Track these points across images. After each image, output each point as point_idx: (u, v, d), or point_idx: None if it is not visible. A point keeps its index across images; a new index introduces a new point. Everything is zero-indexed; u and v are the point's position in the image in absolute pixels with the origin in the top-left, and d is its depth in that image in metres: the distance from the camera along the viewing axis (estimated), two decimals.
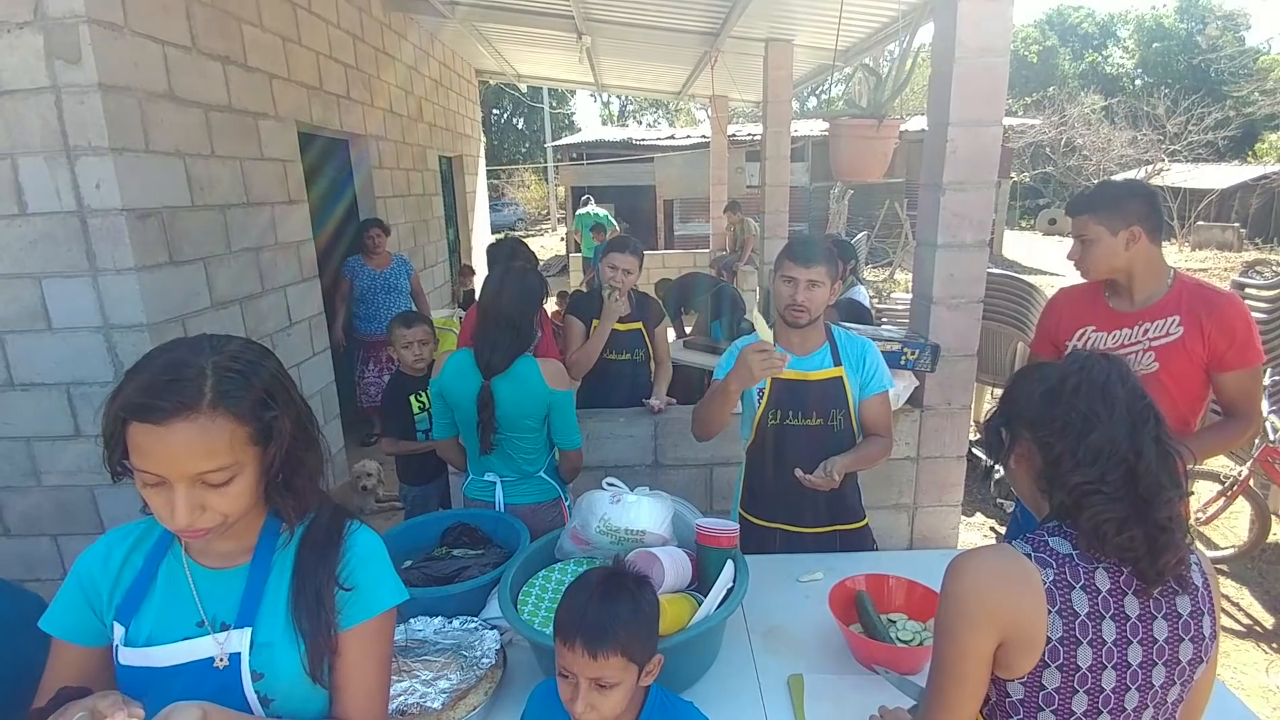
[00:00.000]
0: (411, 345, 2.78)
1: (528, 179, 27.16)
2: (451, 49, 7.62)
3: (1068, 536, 0.95)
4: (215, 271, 3.09)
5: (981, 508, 4.05)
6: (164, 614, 0.92)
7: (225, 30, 3.23)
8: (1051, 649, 0.90)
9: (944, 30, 2.45)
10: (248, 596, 0.93)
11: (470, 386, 2.01)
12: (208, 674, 0.90)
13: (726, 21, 5.18)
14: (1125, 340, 1.89)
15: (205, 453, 0.82)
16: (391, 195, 5.55)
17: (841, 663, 1.54)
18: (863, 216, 12.91)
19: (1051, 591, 0.90)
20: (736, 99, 9.50)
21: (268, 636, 0.92)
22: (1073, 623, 0.90)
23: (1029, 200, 21.77)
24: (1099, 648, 0.90)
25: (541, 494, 2.17)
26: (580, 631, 1.03)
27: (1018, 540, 0.97)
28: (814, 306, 1.86)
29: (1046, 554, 0.94)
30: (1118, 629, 0.90)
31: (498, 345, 1.98)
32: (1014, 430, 1.04)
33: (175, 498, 0.82)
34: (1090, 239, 1.85)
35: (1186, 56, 27.19)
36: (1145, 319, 1.87)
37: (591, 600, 1.07)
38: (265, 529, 0.97)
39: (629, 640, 1.04)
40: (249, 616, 0.92)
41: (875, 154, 2.84)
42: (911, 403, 2.77)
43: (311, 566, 0.95)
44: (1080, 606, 0.90)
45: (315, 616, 0.92)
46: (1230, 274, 10.52)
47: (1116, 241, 1.82)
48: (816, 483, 1.79)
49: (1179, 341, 1.82)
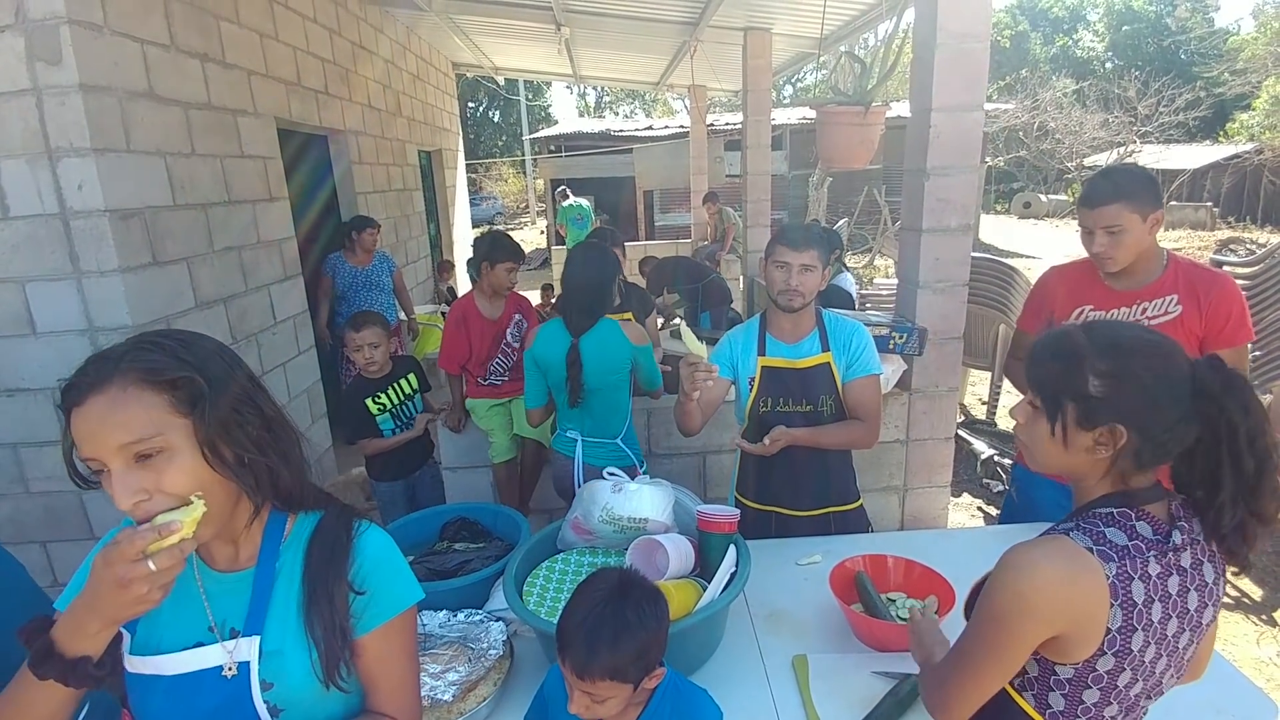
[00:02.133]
0: (362, 349, 2.70)
1: (505, 172, 26.95)
2: (428, 42, 7.53)
3: (1121, 527, 0.93)
4: (198, 271, 3.05)
5: (969, 488, 4.13)
6: (174, 619, 0.90)
7: (203, 27, 3.17)
8: (1109, 638, 0.90)
9: (926, 16, 2.48)
10: (255, 602, 0.90)
11: (560, 348, 2.27)
12: (217, 683, 0.87)
13: (705, 11, 5.17)
14: (1124, 319, 1.92)
15: (121, 424, 0.78)
16: (372, 191, 5.49)
17: (844, 642, 1.58)
18: (842, 204, 12.99)
19: (1115, 585, 0.89)
20: (715, 88, 9.49)
21: (277, 644, 0.90)
22: (1131, 612, 0.90)
23: (1003, 184, 22.05)
24: (1149, 629, 0.91)
25: (618, 459, 2.34)
26: (569, 651, 1.04)
27: (1076, 532, 0.94)
28: (808, 290, 1.89)
29: (1107, 547, 0.91)
30: (1163, 609, 0.91)
31: (582, 309, 2.27)
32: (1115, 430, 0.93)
33: (113, 480, 0.80)
34: (1122, 228, 1.80)
35: (1156, 39, 27.63)
36: (1143, 298, 1.90)
37: (589, 619, 1.05)
38: (268, 531, 0.94)
39: (617, 666, 1.03)
40: (257, 623, 0.89)
41: (862, 141, 2.87)
42: (900, 386, 2.81)
43: (322, 570, 0.92)
44: (1139, 596, 0.90)
45: (329, 623, 0.90)
46: (1205, 253, 10.76)
47: (1145, 227, 1.81)
48: (754, 449, 1.88)
49: (1178, 320, 1.87)
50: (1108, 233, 1.82)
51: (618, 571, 1.16)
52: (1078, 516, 0.96)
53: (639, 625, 1.06)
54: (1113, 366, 0.93)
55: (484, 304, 2.89)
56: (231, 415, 0.85)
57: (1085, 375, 0.94)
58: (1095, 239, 1.85)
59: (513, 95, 23.50)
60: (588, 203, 9.10)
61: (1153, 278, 1.91)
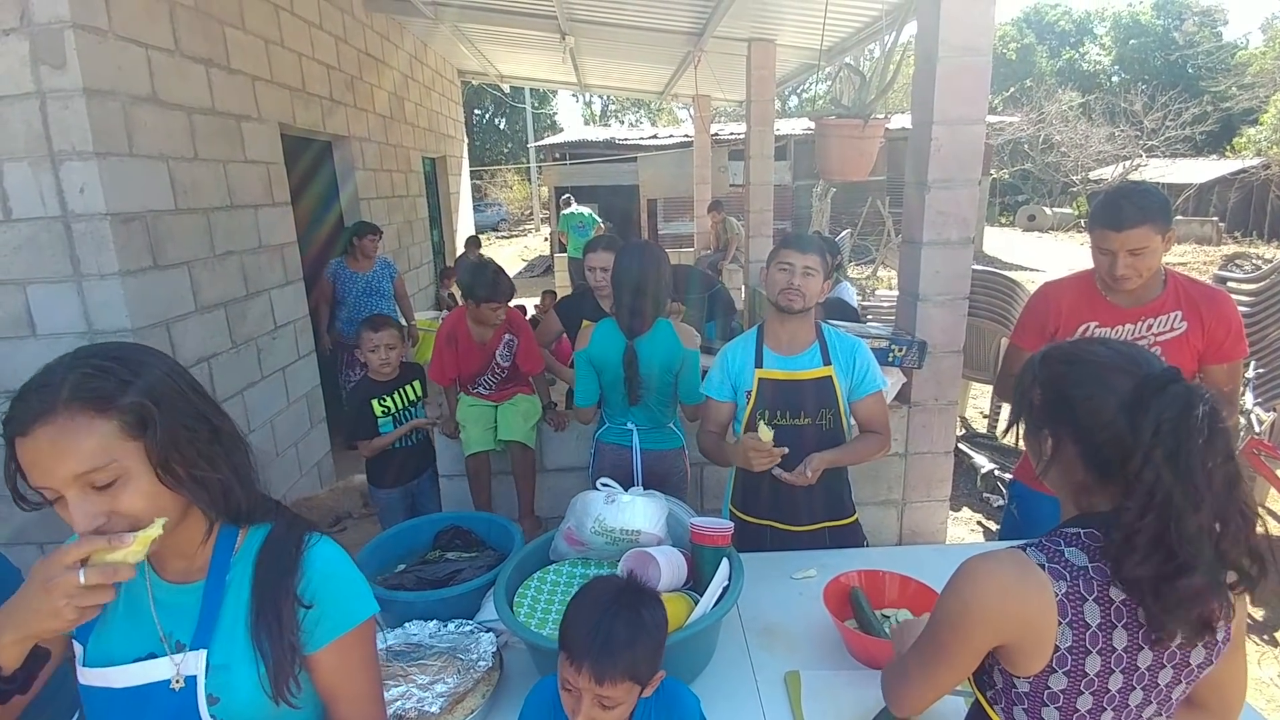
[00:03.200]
0: (378, 349, 2.74)
1: (510, 179, 27.06)
2: (434, 50, 7.58)
3: (1084, 548, 0.91)
4: (199, 275, 3.06)
5: (969, 502, 4.10)
6: (125, 631, 0.88)
7: (208, 32, 3.19)
8: (1059, 656, 0.90)
9: (927, 29, 2.48)
10: (204, 615, 0.88)
11: (616, 349, 2.30)
12: (165, 697, 0.86)
13: (709, 21, 5.20)
14: (1129, 336, 1.91)
15: (72, 454, 0.76)
16: (375, 197, 5.51)
17: (837, 659, 1.56)
18: (845, 214, 12.99)
19: (1063, 603, 0.88)
20: (719, 98, 9.53)
21: (224, 658, 0.88)
22: (1083, 634, 0.89)
23: (1008, 196, 22.03)
24: (1108, 655, 0.90)
25: (670, 441, 2.45)
26: (589, 656, 1.04)
27: (1033, 548, 0.94)
28: (809, 293, 1.89)
29: (1061, 565, 0.90)
30: (1129, 637, 0.89)
31: (637, 311, 2.27)
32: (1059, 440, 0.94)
33: (71, 509, 0.78)
34: (1149, 249, 1.78)
35: (1163, 53, 27.63)
36: (1148, 314, 1.89)
37: (602, 622, 1.07)
38: (219, 543, 0.92)
39: (636, 666, 1.06)
40: (205, 637, 0.88)
41: (861, 153, 2.87)
42: (900, 399, 2.80)
43: (270, 584, 0.90)
44: (1092, 618, 0.89)
45: (277, 638, 0.88)
46: (1210, 268, 10.72)
47: (1162, 246, 1.81)
48: (793, 480, 1.85)
49: (1183, 336, 1.87)
50: (1133, 255, 1.79)
51: (618, 579, 1.19)
52: (1046, 534, 0.97)
53: (652, 625, 1.10)
54: (1046, 374, 0.97)
55: (474, 327, 2.87)
56: (182, 432, 0.84)
57: (1033, 388, 0.99)
58: (1118, 261, 1.81)
59: (518, 103, 23.63)
60: (590, 211, 9.13)
61: (1155, 294, 1.90)
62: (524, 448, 2.84)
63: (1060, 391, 0.94)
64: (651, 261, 2.31)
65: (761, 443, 1.78)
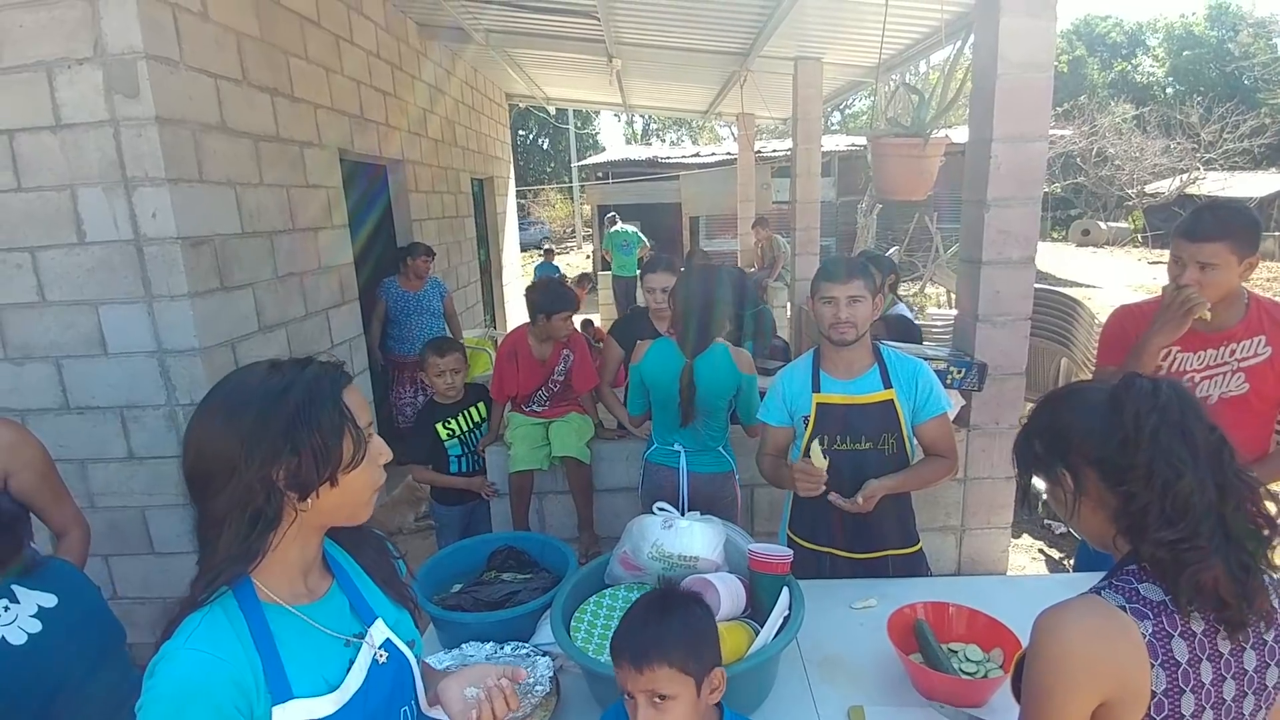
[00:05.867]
0: (444, 374, 2.80)
1: (553, 198, 27.50)
2: (483, 74, 7.78)
3: (1157, 581, 0.89)
4: (263, 296, 3.17)
5: (1028, 529, 3.93)
6: (315, 664, 0.90)
7: (273, 62, 3.34)
8: (1157, 703, 0.86)
9: (986, 46, 2.43)
10: (356, 602, 1.01)
11: (672, 368, 2.33)
12: (384, 672, 0.97)
13: (756, 42, 5.21)
14: (1212, 361, 1.85)
15: (365, 406, 0.96)
16: (426, 218, 5.65)
17: (903, 694, 1.50)
18: (891, 231, 12.79)
19: (1153, 644, 0.85)
20: (764, 116, 9.52)
21: (395, 617, 1.04)
22: (1175, 672, 0.86)
23: (1060, 211, 21.37)
24: (1199, 691, 0.86)
25: (719, 465, 2.45)
26: (626, 647, 1.08)
27: (1108, 590, 0.91)
28: (860, 322, 1.84)
29: (1141, 604, 0.88)
30: (1214, 669, 0.87)
31: (696, 331, 2.31)
32: (1076, 470, 0.96)
33: (378, 441, 0.96)
34: (1218, 265, 1.74)
35: (1218, 64, 26.62)
36: (1231, 339, 1.83)
37: (636, 618, 1.12)
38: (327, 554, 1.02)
39: (674, 651, 1.06)
40: (369, 614, 1.00)
41: (921, 173, 2.82)
42: (958, 422, 2.71)
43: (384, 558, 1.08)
44: (1181, 655, 0.86)
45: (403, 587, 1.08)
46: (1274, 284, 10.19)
47: (1240, 268, 1.75)
48: (847, 506, 1.80)
49: (1268, 361, 1.80)
50: (1201, 268, 1.75)
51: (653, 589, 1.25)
52: (1111, 575, 0.94)
53: (685, 612, 1.13)
54: (1037, 425, 1.03)
55: (535, 344, 2.93)
56: None
57: (1031, 444, 1.03)
58: (1187, 272, 1.77)
59: (562, 124, 24.07)
60: (634, 228, 9.18)
61: (1238, 318, 1.83)
62: (579, 463, 2.87)
63: (1055, 430, 1.00)
64: (714, 282, 2.36)
65: (812, 466, 1.75)
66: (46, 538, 1.90)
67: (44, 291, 2.63)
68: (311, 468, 0.85)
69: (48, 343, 2.67)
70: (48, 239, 2.58)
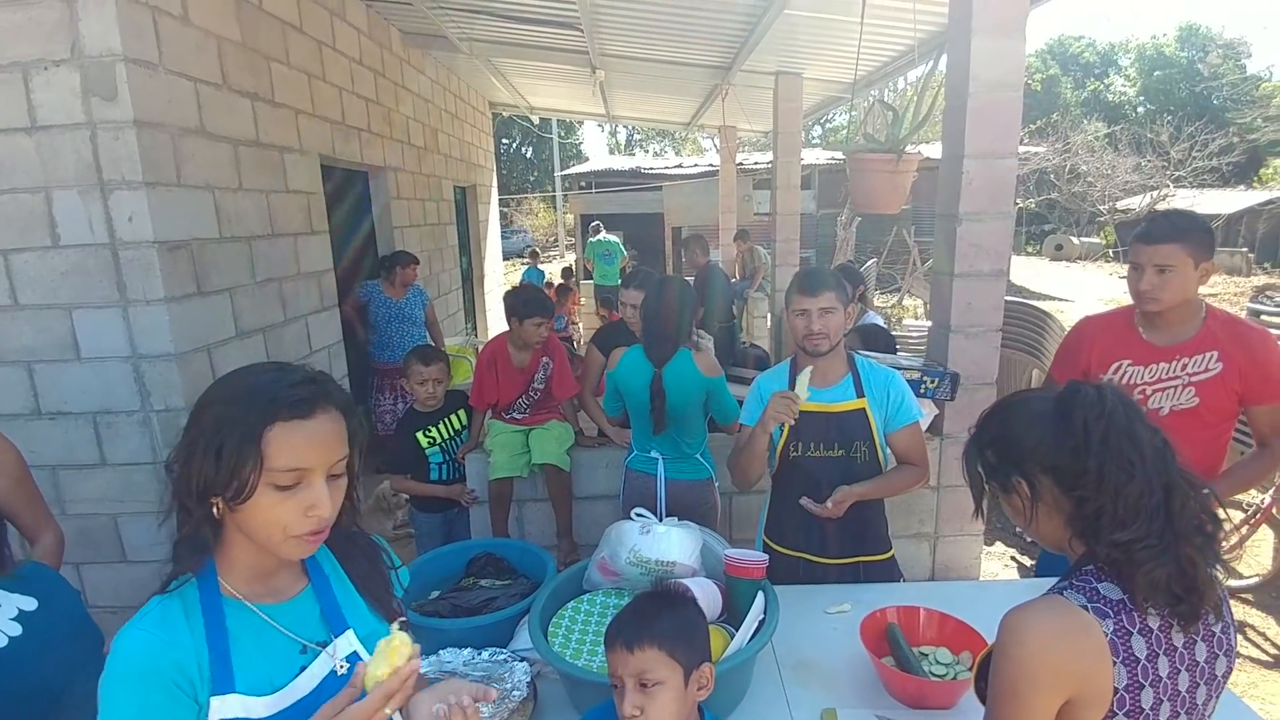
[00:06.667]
0: (427, 382, 2.80)
1: (536, 207, 27.52)
2: (467, 82, 7.80)
3: (1114, 580, 0.92)
4: (240, 301, 3.14)
5: (1001, 536, 4.00)
6: (262, 663, 0.91)
7: (254, 67, 3.33)
8: (1119, 698, 0.88)
9: (958, 65, 2.50)
10: (328, 608, 1.00)
11: (642, 377, 2.36)
12: (339, 684, 0.93)
13: (737, 56, 5.29)
14: (1163, 375, 1.88)
15: (338, 440, 0.91)
16: (408, 225, 5.64)
17: (875, 698, 1.52)
18: (870, 243, 12.98)
19: (1114, 642, 0.88)
20: (745, 129, 9.65)
21: (366, 628, 1.01)
22: (1135, 668, 0.88)
23: (1034, 226, 21.85)
24: (1157, 685, 0.89)
25: (697, 472, 2.48)
26: (621, 630, 1.12)
27: (1069, 590, 0.94)
28: (832, 332, 1.88)
29: (1102, 603, 0.90)
30: (1170, 663, 0.90)
31: (663, 340, 2.36)
32: (1032, 478, 0.98)
33: (318, 491, 0.89)
34: (1174, 268, 1.78)
35: (1188, 84, 27.46)
36: (1183, 354, 1.86)
37: (631, 607, 1.18)
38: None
39: (665, 634, 1.09)
40: (341, 623, 0.99)
41: (895, 187, 2.88)
42: (931, 431, 2.76)
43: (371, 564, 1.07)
44: (1140, 651, 0.89)
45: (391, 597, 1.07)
46: (1240, 299, 10.49)
47: (1195, 274, 1.79)
48: (819, 511, 1.85)
49: (1219, 376, 1.83)
50: (1158, 270, 1.80)
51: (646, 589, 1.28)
52: (1071, 575, 0.97)
53: (681, 604, 1.18)
54: (988, 435, 1.05)
55: (515, 352, 2.94)
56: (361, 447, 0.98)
57: (983, 454, 1.06)
58: (1144, 275, 1.82)
59: (545, 133, 24.13)
60: (616, 238, 9.23)
61: (1192, 332, 1.87)
62: (559, 470, 2.88)
63: (1007, 440, 1.02)
64: (680, 292, 2.40)
65: (792, 394, 1.78)
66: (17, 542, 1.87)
67: (16, 294, 2.59)
68: (200, 482, 0.86)
69: (19, 346, 2.62)
70: (21, 241, 2.55)
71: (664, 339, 2.38)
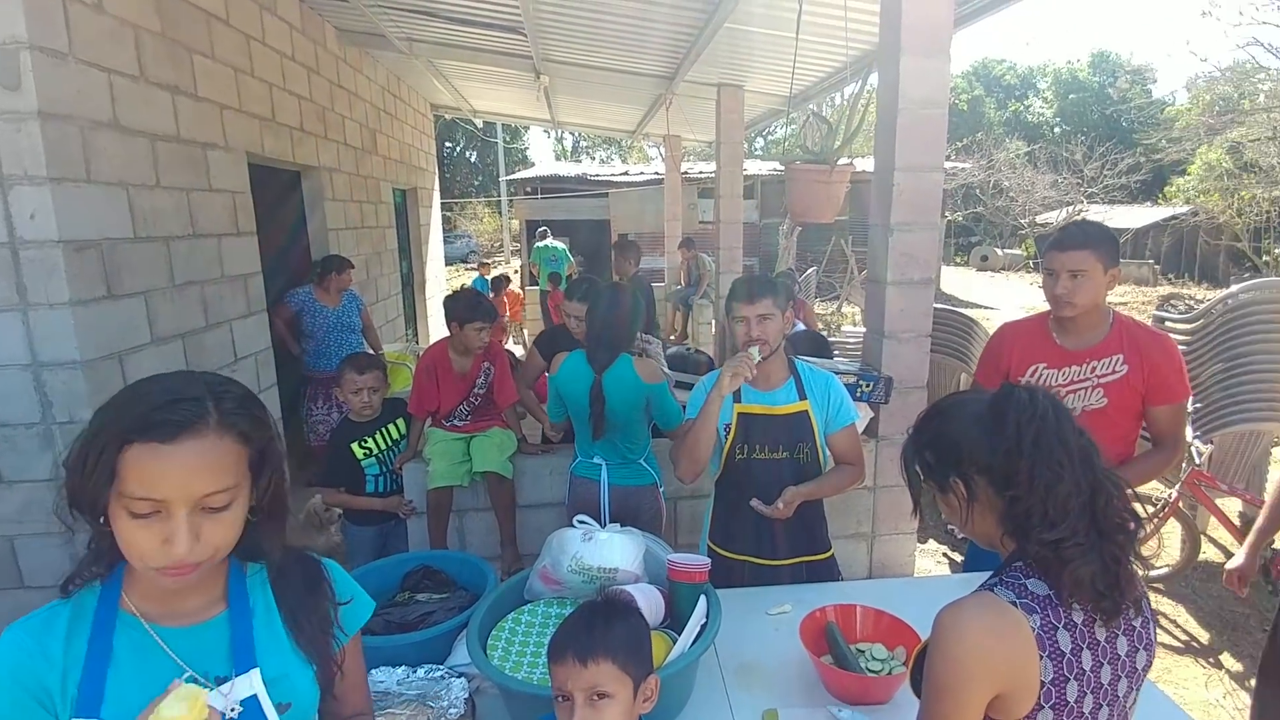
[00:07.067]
0: (361, 391, 2.68)
1: (480, 212, 27.11)
2: (408, 83, 7.62)
3: (1042, 576, 0.95)
4: (157, 305, 2.96)
5: (933, 534, 4.15)
6: (141, 691, 0.83)
7: (175, 59, 3.15)
8: (1045, 691, 0.91)
9: (888, 83, 2.60)
10: (239, 641, 0.90)
11: (583, 383, 2.35)
12: None
13: (681, 67, 5.36)
14: (1075, 377, 1.99)
15: (213, 471, 0.80)
16: (345, 228, 5.45)
17: (815, 696, 1.54)
18: (811, 252, 13.33)
19: (1041, 637, 0.91)
20: (690, 138, 9.78)
21: (280, 670, 0.91)
22: (1061, 662, 0.91)
23: (962, 238, 22.94)
24: (1081, 678, 0.92)
25: (641, 478, 2.46)
26: (571, 642, 1.08)
27: (1000, 587, 0.96)
28: (771, 337, 1.92)
29: (1030, 599, 0.93)
30: (1093, 656, 0.94)
31: (606, 345, 2.34)
32: (968, 478, 1.01)
33: (175, 525, 0.78)
34: (1086, 273, 1.89)
35: (1100, 107, 29.40)
36: (1092, 357, 1.98)
37: (579, 619, 1.14)
38: (232, 573, 0.94)
39: (618, 647, 1.08)
40: (249, 659, 0.89)
41: (828, 197, 2.97)
42: (868, 433, 2.84)
43: (307, 595, 0.97)
44: (1065, 645, 0.92)
45: (324, 637, 0.96)
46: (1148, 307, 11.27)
47: (1105, 279, 1.91)
48: (768, 512, 1.88)
49: (1125, 378, 1.95)
50: (1072, 276, 1.90)
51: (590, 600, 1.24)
52: (1001, 571, 1.00)
53: (629, 616, 1.16)
54: (927, 436, 1.08)
55: (456, 358, 2.87)
56: (278, 475, 0.90)
57: (921, 454, 1.09)
58: (1059, 281, 1.93)
59: (490, 137, 23.80)
60: (563, 245, 9.18)
61: (1100, 337, 1.99)
62: (501, 478, 2.82)
63: (944, 441, 1.05)
64: (626, 300, 2.41)
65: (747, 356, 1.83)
66: None
67: None
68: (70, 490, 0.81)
69: None
70: None
71: (606, 345, 2.37)
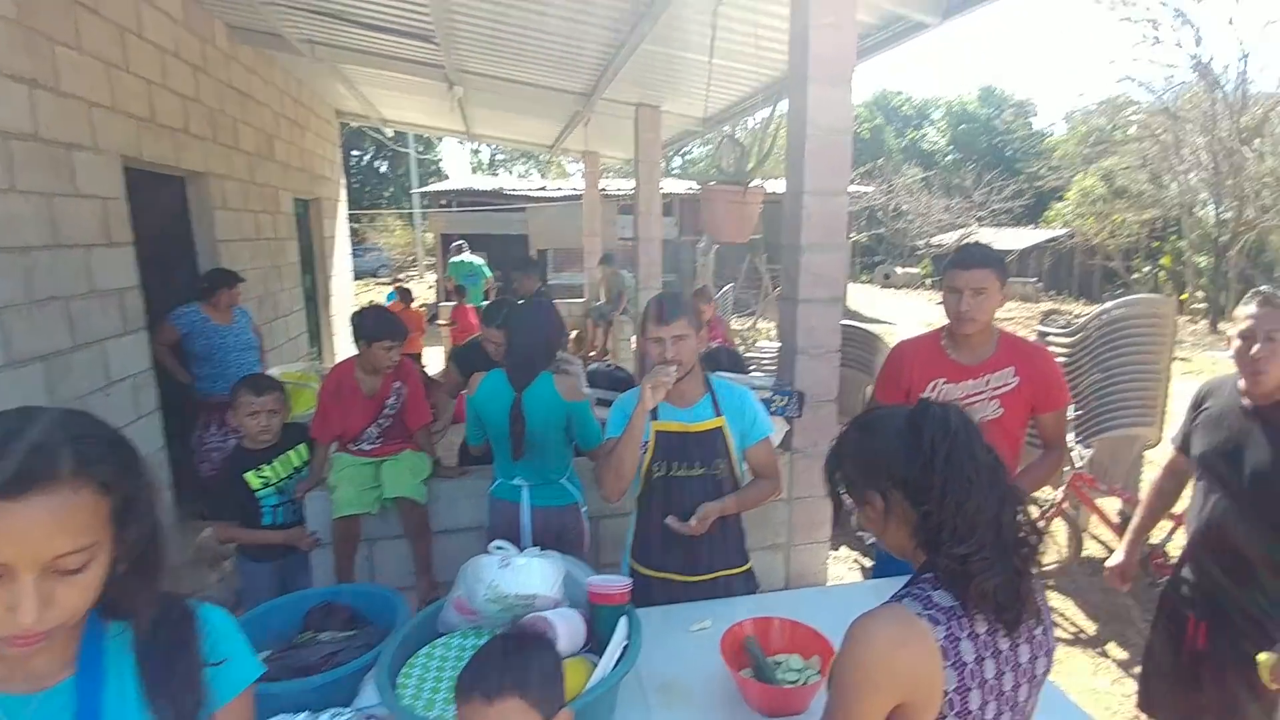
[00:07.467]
0: (259, 415, 2.48)
1: (392, 224, 26.18)
2: (310, 88, 7.27)
3: (948, 589, 0.99)
4: (12, 323, 2.65)
5: (845, 541, 4.30)
6: None
7: (32, 49, 2.85)
8: (949, 700, 0.94)
9: (797, 110, 2.70)
10: (85, 711, 0.80)
11: (503, 402, 2.28)
12: None
13: (599, 85, 5.39)
14: (972, 390, 2.12)
15: (66, 530, 0.70)
16: (238, 239, 5.10)
17: (737, 711, 1.55)
18: (727, 269, 13.71)
19: (945, 648, 0.94)
20: (608, 155, 9.84)
21: None
22: (964, 671, 0.95)
23: (866, 257, 24.32)
24: (984, 687, 0.96)
25: (563, 498, 2.41)
26: (476, 683, 1.05)
27: (908, 598, 0.99)
28: (685, 358, 1.92)
29: (935, 611, 0.96)
30: (995, 665, 0.97)
31: (525, 363, 2.30)
32: (886, 492, 1.05)
33: (21, 591, 0.69)
34: (986, 290, 2.02)
35: (988, 137, 32.07)
36: (987, 370, 2.11)
37: (485, 654, 1.10)
38: (87, 633, 0.83)
39: (523, 682, 1.04)
40: None
41: (742, 217, 3.05)
42: (782, 447, 2.91)
43: (171, 656, 0.85)
44: (968, 655, 0.95)
45: (185, 706, 0.84)
46: (1032, 322, 12.28)
47: (999, 296, 2.05)
48: (683, 529, 1.88)
49: (1017, 389, 2.09)
50: (975, 293, 2.03)
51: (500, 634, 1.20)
52: (911, 583, 1.03)
53: (538, 649, 1.14)
54: (849, 449, 1.12)
55: (363, 377, 2.73)
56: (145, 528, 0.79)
57: (844, 468, 1.12)
58: (963, 298, 2.05)
59: (402, 147, 23.05)
60: (480, 259, 8.98)
61: (990, 351, 2.13)
62: (414, 504, 2.68)
63: (865, 452, 1.09)
64: (546, 318, 2.39)
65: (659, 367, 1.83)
66: None
67: None
68: None
69: None
70: None
71: (526, 364, 2.32)
